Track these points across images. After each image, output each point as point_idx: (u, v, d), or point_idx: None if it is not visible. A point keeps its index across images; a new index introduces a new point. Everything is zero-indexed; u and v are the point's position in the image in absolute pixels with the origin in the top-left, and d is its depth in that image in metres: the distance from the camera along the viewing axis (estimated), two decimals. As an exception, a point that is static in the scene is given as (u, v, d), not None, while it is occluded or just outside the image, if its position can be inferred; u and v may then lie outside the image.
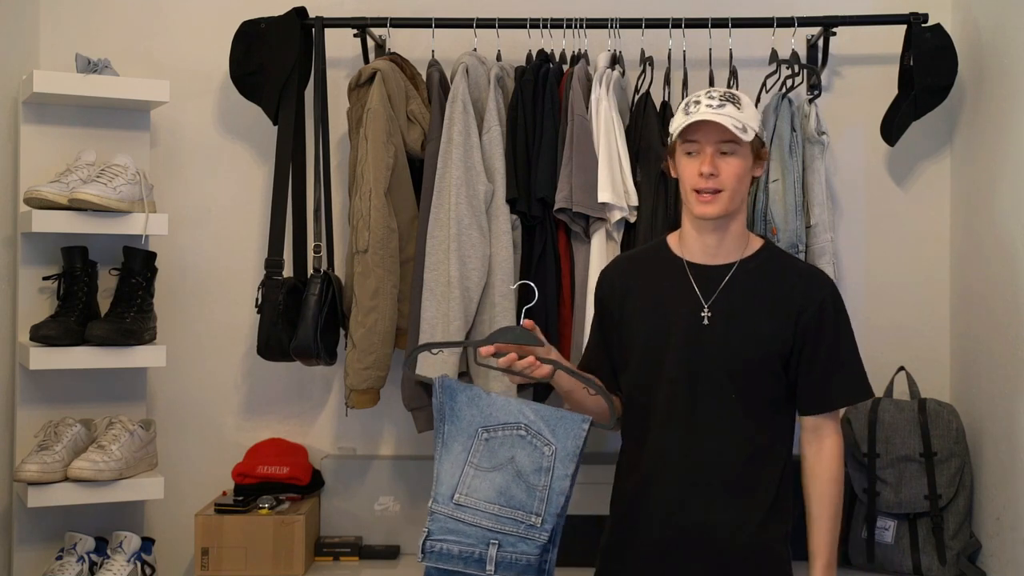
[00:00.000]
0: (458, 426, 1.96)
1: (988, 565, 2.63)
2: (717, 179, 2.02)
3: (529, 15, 2.75)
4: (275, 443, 2.93)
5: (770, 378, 2.08)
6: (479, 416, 1.96)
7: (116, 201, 2.58)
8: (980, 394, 2.73)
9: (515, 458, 1.92)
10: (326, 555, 2.81)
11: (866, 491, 2.71)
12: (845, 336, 2.11)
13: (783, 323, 2.07)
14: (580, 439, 1.92)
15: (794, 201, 2.62)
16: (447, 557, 1.91)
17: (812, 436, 2.11)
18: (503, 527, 1.90)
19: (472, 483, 1.92)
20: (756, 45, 2.81)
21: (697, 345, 2.08)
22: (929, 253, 2.96)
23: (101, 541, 2.70)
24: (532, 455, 1.92)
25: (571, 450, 1.92)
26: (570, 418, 1.95)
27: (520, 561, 1.89)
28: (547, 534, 1.89)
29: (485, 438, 1.95)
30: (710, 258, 2.13)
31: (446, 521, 1.92)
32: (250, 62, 2.81)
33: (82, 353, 2.60)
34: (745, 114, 2.04)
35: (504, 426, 1.95)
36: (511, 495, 1.91)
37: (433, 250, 2.61)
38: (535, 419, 1.94)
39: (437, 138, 2.66)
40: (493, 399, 1.98)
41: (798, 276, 2.13)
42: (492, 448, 1.94)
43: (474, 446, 1.95)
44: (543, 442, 1.93)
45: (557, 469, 1.91)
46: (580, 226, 2.64)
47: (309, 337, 2.64)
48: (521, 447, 1.93)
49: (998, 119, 2.65)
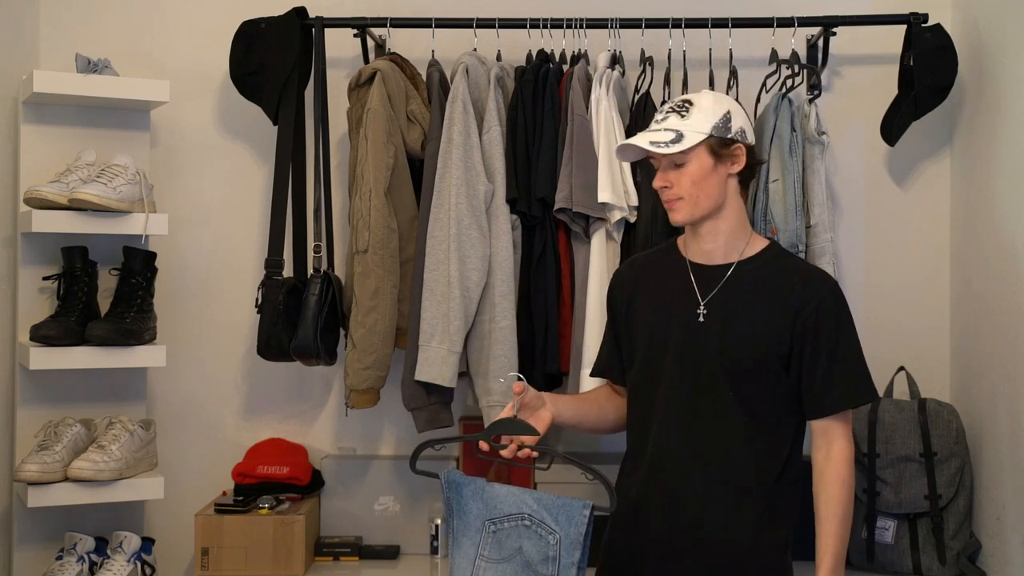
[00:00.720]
0: (466, 520, 2.00)
1: (988, 565, 2.63)
2: (672, 190, 2.09)
3: (529, 15, 2.75)
4: (275, 443, 2.93)
5: (769, 379, 2.08)
6: (484, 509, 1.99)
7: (116, 201, 2.58)
8: (980, 394, 2.73)
9: (522, 548, 1.96)
10: (326, 555, 2.81)
11: (866, 491, 2.71)
12: (846, 337, 2.09)
13: (781, 322, 2.07)
14: (583, 525, 1.93)
15: (794, 201, 2.62)
16: None
17: (821, 440, 2.09)
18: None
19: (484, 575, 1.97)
20: (756, 45, 2.81)
21: (693, 342, 2.09)
22: (929, 253, 2.96)
23: (101, 541, 2.70)
24: (538, 544, 1.95)
25: (574, 537, 1.93)
26: (571, 504, 1.95)
27: None
28: None
29: (492, 530, 1.98)
30: (709, 258, 2.14)
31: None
32: (250, 62, 2.81)
33: (82, 353, 2.60)
34: (690, 120, 2.07)
35: (508, 517, 1.98)
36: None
37: (433, 250, 2.61)
38: (537, 508, 1.96)
39: (437, 138, 2.67)
40: (496, 490, 2.00)
41: (798, 276, 2.12)
42: (500, 540, 1.97)
43: (482, 539, 1.98)
44: (547, 531, 1.95)
45: (563, 557, 1.93)
46: (580, 226, 2.64)
47: (309, 337, 2.64)
48: (527, 537, 1.96)
49: (998, 119, 2.65)
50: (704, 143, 2.06)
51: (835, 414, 2.08)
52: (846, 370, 2.08)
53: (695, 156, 2.07)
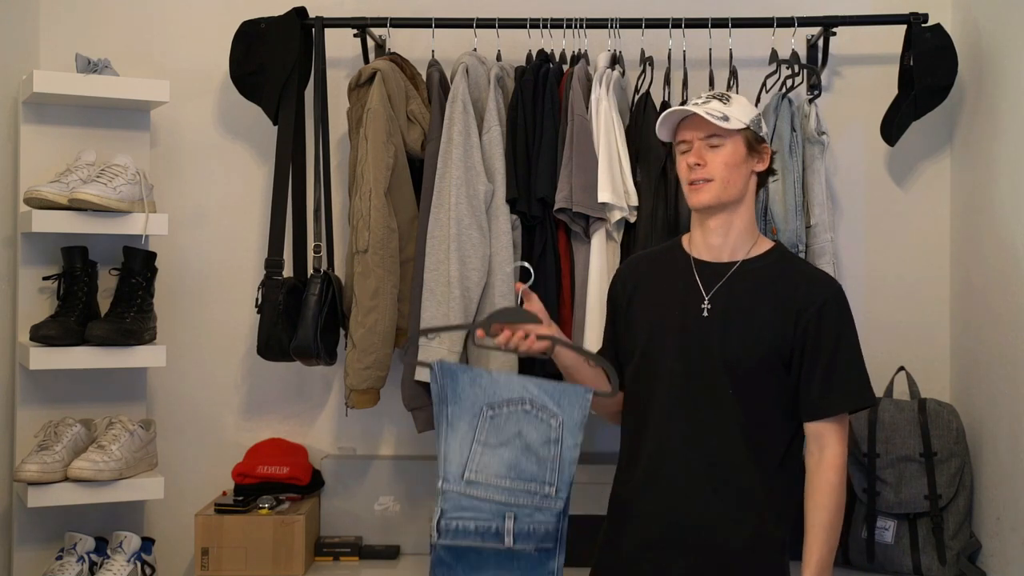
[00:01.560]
0: (462, 406, 1.98)
1: (988, 565, 2.63)
2: (705, 168, 2.09)
3: (529, 15, 2.76)
4: (275, 443, 2.93)
5: (770, 378, 2.07)
6: (482, 395, 1.99)
7: (116, 201, 2.58)
8: (980, 394, 2.73)
9: (522, 432, 1.96)
10: (326, 555, 2.81)
11: (866, 491, 2.71)
12: (847, 341, 2.08)
13: (783, 322, 2.06)
14: (585, 408, 1.98)
15: (794, 201, 2.62)
16: (464, 533, 1.93)
17: (814, 445, 2.08)
18: (517, 500, 1.94)
19: (481, 460, 1.95)
20: (756, 45, 2.81)
21: (696, 337, 2.08)
22: (929, 253, 2.96)
23: (101, 541, 2.70)
24: (539, 428, 1.96)
25: (578, 419, 1.97)
26: (572, 390, 2.00)
27: (538, 531, 1.94)
28: (563, 502, 1.95)
29: (490, 416, 1.98)
30: (715, 255, 2.14)
31: (459, 499, 1.94)
32: (250, 62, 2.81)
33: (82, 353, 2.60)
34: (731, 108, 2.10)
35: (508, 402, 1.98)
36: (522, 468, 1.95)
37: (433, 250, 2.61)
38: (538, 393, 1.98)
39: (437, 138, 2.67)
40: (495, 377, 2.01)
41: (802, 278, 2.12)
42: (498, 425, 1.97)
43: (480, 424, 1.97)
44: (549, 414, 1.97)
45: (566, 439, 1.96)
46: (580, 226, 2.64)
47: (309, 337, 2.64)
48: (527, 421, 1.97)
49: (998, 119, 2.65)
50: (743, 132, 2.10)
51: (830, 418, 2.06)
52: (844, 374, 2.07)
53: (733, 141, 2.09)
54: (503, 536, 1.92)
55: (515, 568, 1.97)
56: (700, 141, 2.09)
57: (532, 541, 1.93)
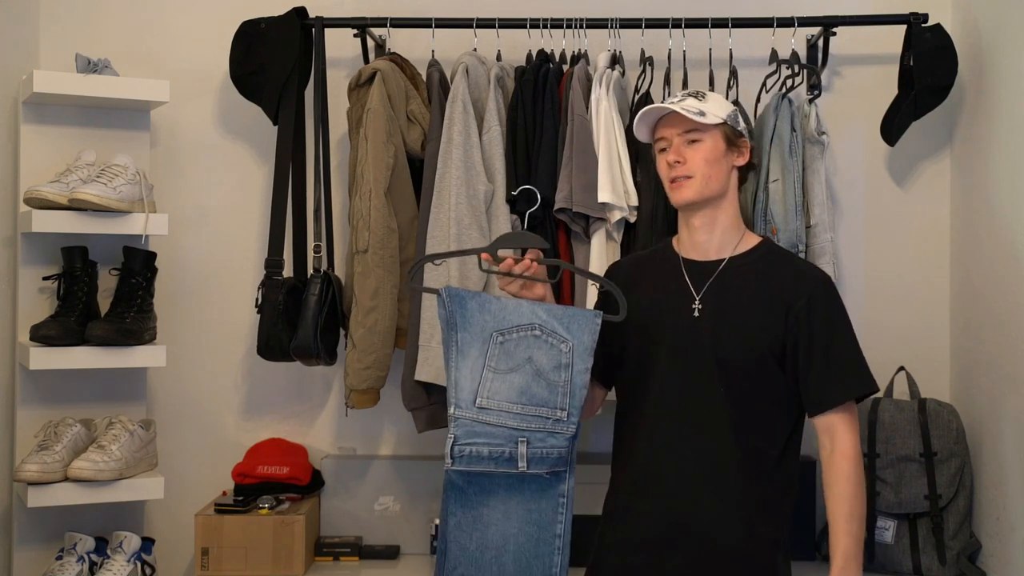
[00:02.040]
0: (471, 332, 1.99)
1: (988, 565, 2.63)
2: (684, 166, 2.10)
3: (529, 15, 2.76)
4: (275, 443, 2.93)
5: (763, 376, 2.07)
6: (491, 321, 1.99)
7: (116, 201, 2.58)
8: (980, 394, 2.73)
9: (532, 358, 1.97)
10: (326, 555, 2.81)
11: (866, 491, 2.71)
12: (841, 330, 2.08)
13: (774, 318, 2.07)
14: (595, 333, 1.99)
15: (794, 201, 2.62)
16: (477, 459, 1.94)
17: (824, 437, 2.08)
18: (529, 424, 1.95)
19: (492, 386, 1.97)
20: (756, 45, 2.81)
21: (688, 337, 2.09)
22: (929, 253, 2.96)
23: (101, 541, 2.70)
24: (549, 353, 1.97)
25: (588, 344, 1.98)
26: (582, 314, 2.00)
27: (552, 455, 1.95)
28: (574, 426, 1.96)
29: (500, 341, 1.98)
30: (702, 254, 2.15)
31: (471, 425, 1.95)
32: (250, 62, 2.81)
33: (82, 353, 2.60)
34: (707, 104, 2.11)
35: (518, 328, 1.99)
36: (532, 393, 1.96)
37: (433, 250, 2.61)
38: (548, 318, 1.99)
39: (437, 138, 2.67)
40: (503, 303, 2.01)
41: (791, 272, 2.13)
42: (508, 350, 1.98)
43: (490, 350, 1.98)
44: (559, 339, 1.98)
45: (576, 364, 1.97)
46: (580, 226, 2.64)
47: (309, 337, 2.64)
48: (537, 347, 1.98)
49: (998, 119, 2.65)
50: (720, 127, 2.11)
51: (836, 408, 2.06)
52: (842, 362, 2.07)
53: (711, 136, 2.10)
54: (516, 461, 1.94)
55: (526, 491, 1.99)
56: (678, 138, 2.11)
57: (545, 465, 1.95)
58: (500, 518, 1.99)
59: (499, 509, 1.99)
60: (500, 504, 1.99)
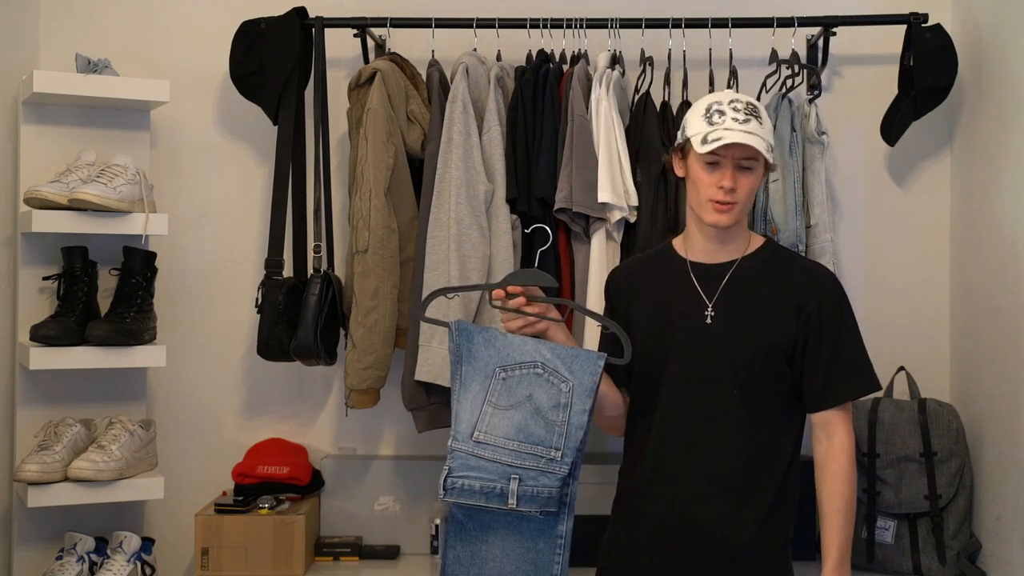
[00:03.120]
0: (475, 367, 1.99)
1: (988, 565, 2.63)
2: (735, 193, 2.05)
3: (529, 15, 2.76)
4: (275, 443, 2.93)
5: (774, 375, 2.08)
6: (496, 356, 1.99)
7: (116, 201, 2.58)
8: (980, 394, 2.73)
9: (533, 396, 1.97)
10: (326, 555, 2.81)
11: (866, 491, 2.71)
12: (848, 329, 2.10)
13: (785, 318, 2.07)
14: (596, 375, 1.97)
15: (794, 201, 2.62)
16: (469, 493, 1.94)
17: (821, 433, 2.10)
18: (523, 462, 1.94)
19: (491, 421, 1.96)
20: (756, 45, 2.81)
21: (701, 343, 2.09)
22: (929, 253, 2.96)
23: (101, 541, 2.70)
24: (549, 392, 1.97)
25: (588, 385, 1.97)
26: (585, 355, 1.99)
27: (542, 494, 1.94)
28: (567, 467, 1.94)
29: (502, 377, 1.98)
30: (712, 257, 2.14)
31: (466, 458, 1.95)
32: (250, 62, 2.81)
33: (82, 353, 2.60)
34: (765, 129, 2.06)
35: (521, 365, 1.99)
36: (530, 431, 1.95)
37: (433, 250, 2.61)
38: (551, 357, 1.98)
39: (437, 138, 2.67)
40: (509, 339, 2.01)
41: (799, 271, 2.14)
42: (510, 387, 1.98)
43: (492, 385, 1.98)
44: (560, 379, 1.97)
45: (575, 404, 1.96)
46: (580, 226, 2.64)
47: (309, 337, 2.64)
48: (538, 385, 1.97)
49: (998, 119, 2.65)
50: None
51: (837, 406, 2.08)
52: (849, 361, 2.09)
53: (760, 166, 2.07)
54: (507, 497, 1.93)
55: (524, 530, 1.98)
56: (734, 162, 2.04)
57: (535, 504, 1.94)
58: (498, 554, 2.00)
59: (498, 546, 2.00)
60: (499, 541, 2.00)
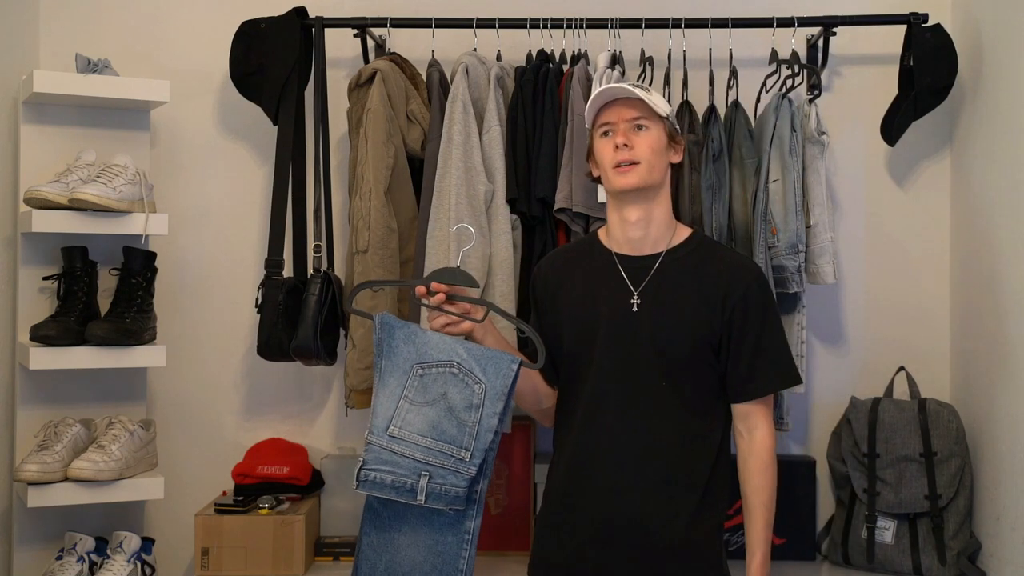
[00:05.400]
0: (394, 362, 2.03)
1: (988, 565, 2.63)
2: (632, 151, 2.09)
3: (529, 15, 2.76)
4: (275, 443, 2.93)
5: (702, 366, 2.10)
6: (414, 353, 2.03)
7: (116, 201, 2.58)
8: (980, 394, 2.73)
9: (447, 394, 2.01)
10: (326, 555, 2.81)
11: (866, 491, 2.71)
12: (771, 323, 2.14)
13: (710, 310, 2.10)
14: (509, 378, 2.01)
15: (794, 201, 2.62)
16: (380, 486, 1.99)
17: (742, 426, 2.13)
18: (434, 460, 1.99)
19: (406, 417, 2.01)
20: (756, 45, 2.81)
21: (627, 332, 2.10)
22: (929, 253, 2.96)
23: (101, 541, 2.70)
24: (463, 392, 2.01)
25: (500, 389, 2.00)
26: (500, 358, 2.03)
27: (449, 493, 1.98)
28: (475, 468, 1.99)
29: (420, 374, 2.02)
30: (637, 249, 2.16)
31: (380, 452, 2.00)
32: (250, 62, 2.81)
33: (82, 353, 2.60)
34: (652, 97, 2.12)
35: (438, 363, 2.03)
36: (443, 429, 1.99)
37: (433, 250, 2.61)
38: (467, 357, 2.02)
39: (437, 138, 2.67)
40: (429, 336, 2.05)
41: (725, 264, 2.15)
42: (426, 384, 2.02)
43: (409, 381, 2.03)
44: (474, 380, 2.01)
45: (486, 407, 2.00)
46: (580, 226, 2.64)
47: (309, 337, 2.64)
48: (453, 384, 2.01)
49: (998, 119, 2.65)
50: (664, 120, 2.13)
51: (757, 399, 2.12)
52: (770, 355, 2.12)
53: (656, 127, 2.12)
54: (416, 493, 1.98)
55: (434, 523, 2.03)
56: (625, 123, 2.11)
57: (442, 501, 1.98)
58: (409, 544, 2.04)
59: (409, 536, 2.04)
60: (411, 531, 2.04)
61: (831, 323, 2.94)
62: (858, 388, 2.90)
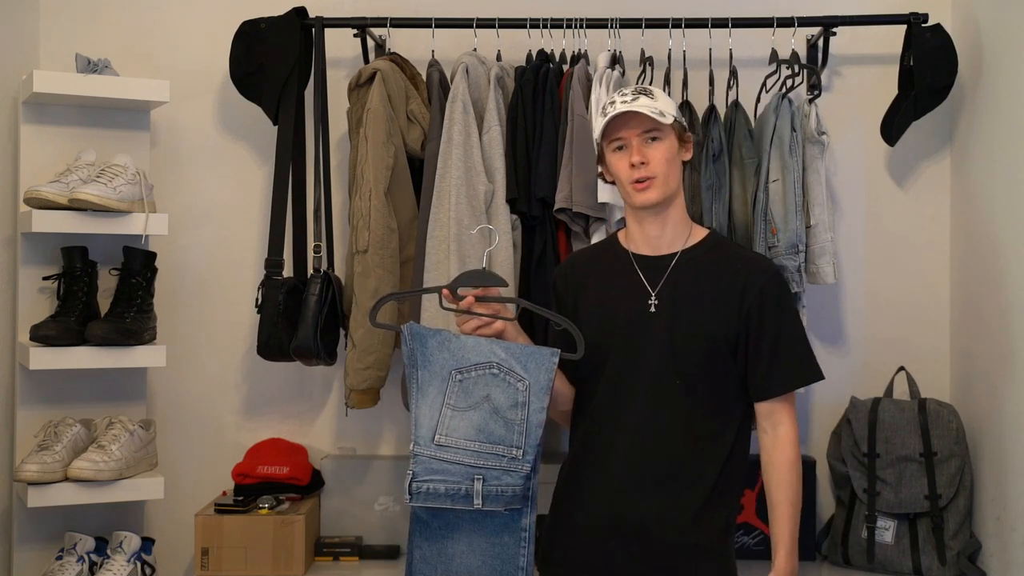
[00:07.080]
0: (431, 371, 2.02)
1: (988, 565, 2.63)
2: (648, 167, 2.09)
3: (529, 15, 2.76)
4: (275, 443, 2.93)
5: (718, 365, 2.10)
6: (451, 359, 2.02)
7: (116, 201, 2.58)
8: (980, 394, 2.73)
9: (490, 396, 2.00)
10: (326, 555, 2.81)
11: (866, 491, 2.71)
12: (789, 320, 2.14)
13: (727, 309, 2.10)
14: (551, 371, 2.01)
15: (794, 201, 2.62)
16: (434, 496, 1.97)
17: (767, 423, 2.12)
18: (486, 462, 1.97)
19: (450, 423, 1.99)
20: (756, 45, 2.81)
21: (644, 332, 2.11)
22: (929, 253, 2.96)
23: (101, 541, 2.70)
24: (507, 391, 2.00)
25: (544, 383, 2.00)
26: (539, 353, 2.02)
27: (507, 492, 1.97)
28: (529, 464, 1.98)
29: (459, 379, 2.01)
30: (654, 249, 2.16)
31: (429, 462, 1.98)
32: (250, 62, 2.81)
33: (82, 353, 2.60)
34: (659, 102, 2.11)
35: (476, 366, 2.02)
36: (490, 431, 1.98)
37: (433, 250, 2.61)
38: (506, 357, 2.01)
39: (437, 138, 2.67)
40: (463, 341, 2.04)
41: (741, 263, 2.15)
42: (466, 388, 2.01)
43: (449, 388, 2.01)
44: (516, 378, 2.00)
45: (532, 402, 1.99)
46: (580, 226, 2.64)
47: (309, 337, 2.64)
48: (495, 385, 2.00)
49: (998, 119, 2.65)
50: (673, 124, 2.12)
51: (780, 396, 2.11)
52: (791, 352, 2.12)
53: (668, 135, 2.11)
54: (472, 498, 1.96)
55: (488, 525, 2.01)
56: (637, 138, 2.10)
57: (500, 502, 1.97)
58: (464, 551, 2.02)
59: (463, 542, 2.02)
60: (464, 538, 2.02)
61: (831, 323, 2.94)
62: (858, 388, 2.90)
